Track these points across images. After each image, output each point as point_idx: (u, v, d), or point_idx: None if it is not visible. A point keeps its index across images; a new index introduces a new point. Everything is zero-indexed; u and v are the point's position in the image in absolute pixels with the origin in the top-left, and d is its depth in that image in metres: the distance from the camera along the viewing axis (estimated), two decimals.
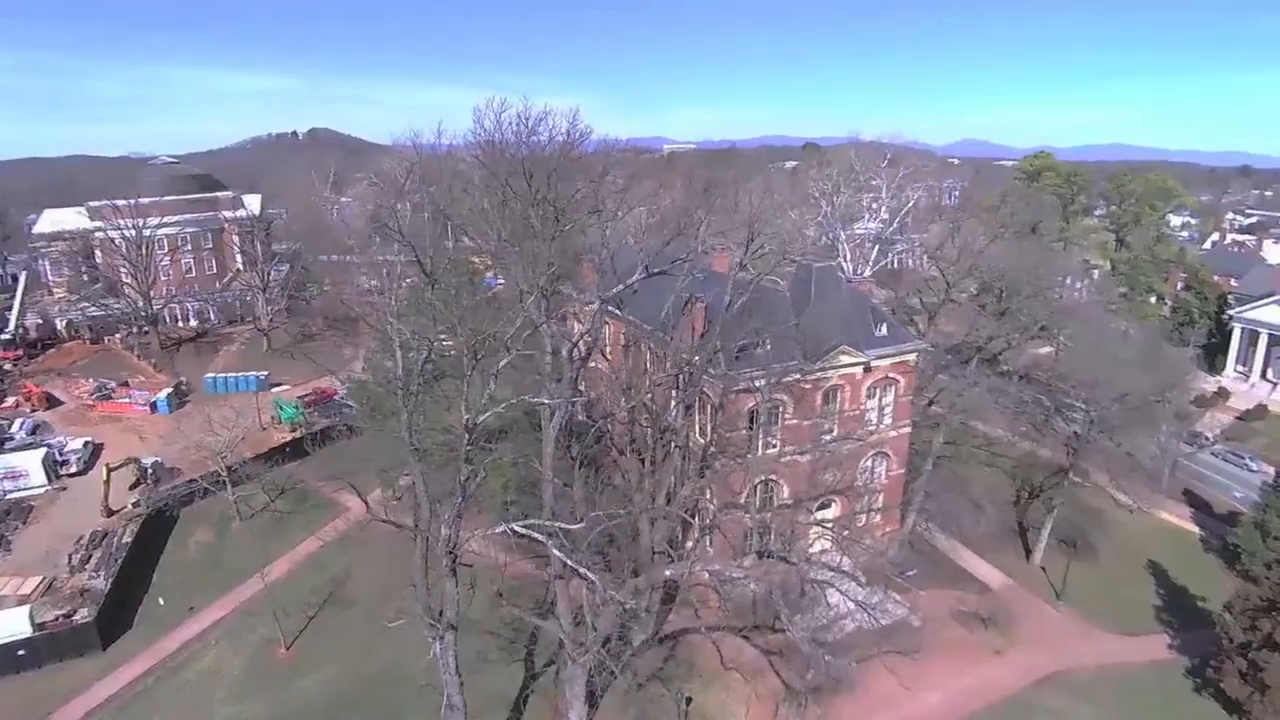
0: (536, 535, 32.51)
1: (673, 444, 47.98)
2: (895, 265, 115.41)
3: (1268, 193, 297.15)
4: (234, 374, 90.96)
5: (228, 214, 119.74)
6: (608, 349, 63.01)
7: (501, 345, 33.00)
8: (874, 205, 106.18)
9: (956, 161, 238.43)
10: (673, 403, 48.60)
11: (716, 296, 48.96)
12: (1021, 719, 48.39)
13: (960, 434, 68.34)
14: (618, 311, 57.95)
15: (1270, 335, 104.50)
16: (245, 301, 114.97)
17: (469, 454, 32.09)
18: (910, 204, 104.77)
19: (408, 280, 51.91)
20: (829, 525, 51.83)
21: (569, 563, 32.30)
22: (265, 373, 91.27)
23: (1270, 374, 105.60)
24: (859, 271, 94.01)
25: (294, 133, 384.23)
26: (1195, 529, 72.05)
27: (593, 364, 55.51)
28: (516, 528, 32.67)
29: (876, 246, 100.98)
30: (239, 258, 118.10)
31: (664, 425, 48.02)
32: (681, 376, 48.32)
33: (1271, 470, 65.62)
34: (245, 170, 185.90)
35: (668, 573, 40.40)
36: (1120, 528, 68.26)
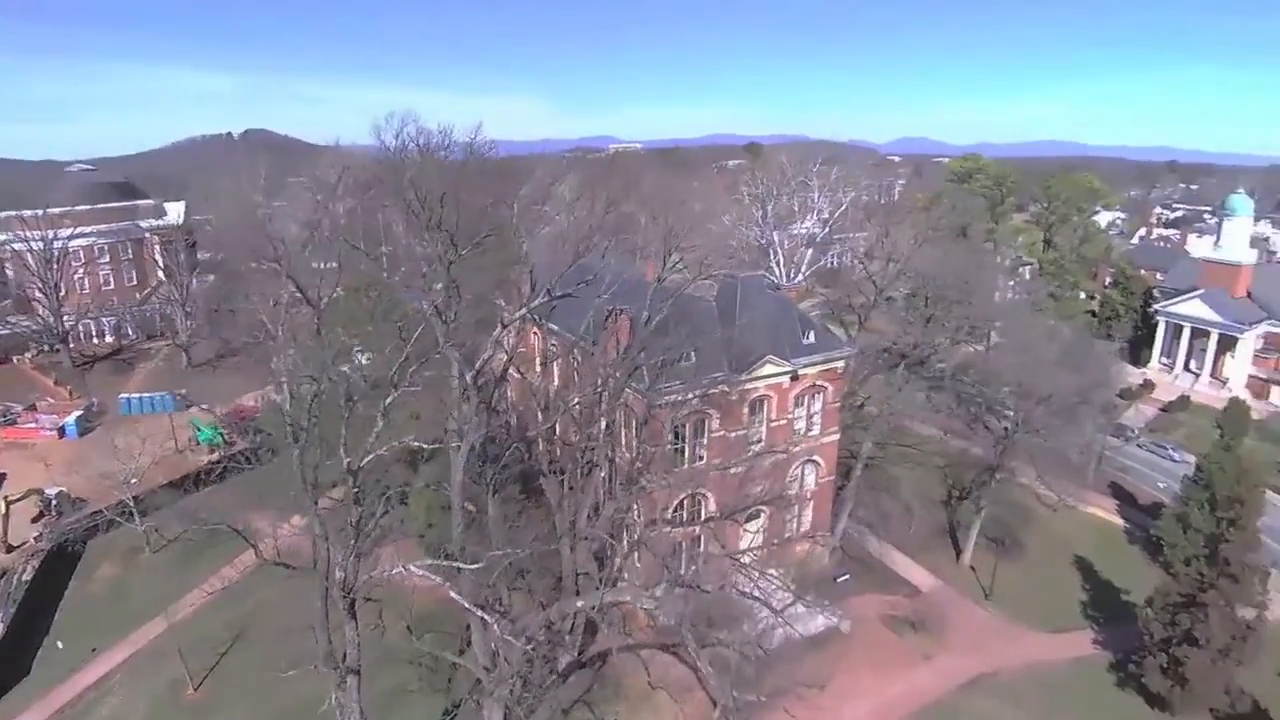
0: (433, 576, 31.08)
1: (595, 462, 46.91)
2: (834, 264, 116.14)
3: (1193, 186, 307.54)
4: (150, 394, 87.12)
5: (149, 223, 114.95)
6: (536, 363, 61.76)
7: (397, 376, 31.43)
8: (808, 207, 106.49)
9: (897, 159, 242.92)
10: (596, 419, 47.55)
11: (643, 308, 48.01)
12: None
13: (892, 435, 68.55)
14: (550, 325, 56.89)
15: (1193, 328, 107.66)
16: (166, 315, 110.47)
17: (358, 495, 30.52)
18: (844, 205, 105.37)
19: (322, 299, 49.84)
20: (756, 550, 51.14)
21: (466, 605, 30.96)
22: (183, 391, 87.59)
23: (1193, 365, 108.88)
24: (793, 275, 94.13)
25: (229, 134, 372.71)
26: (1120, 521, 73.65)
27: (522, 380, 54.34)
28: (413, 568, 31.22)
29: (810, 249, 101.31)
30: (160, 269, 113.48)
31: (585, 443, 46.91)
32: (604, 392, 47.28)
33: (1193, 460, 67.04)
34: (176, 174, 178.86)
35: (579, 603, 39.28)
36: (1048, 524, 69.17)
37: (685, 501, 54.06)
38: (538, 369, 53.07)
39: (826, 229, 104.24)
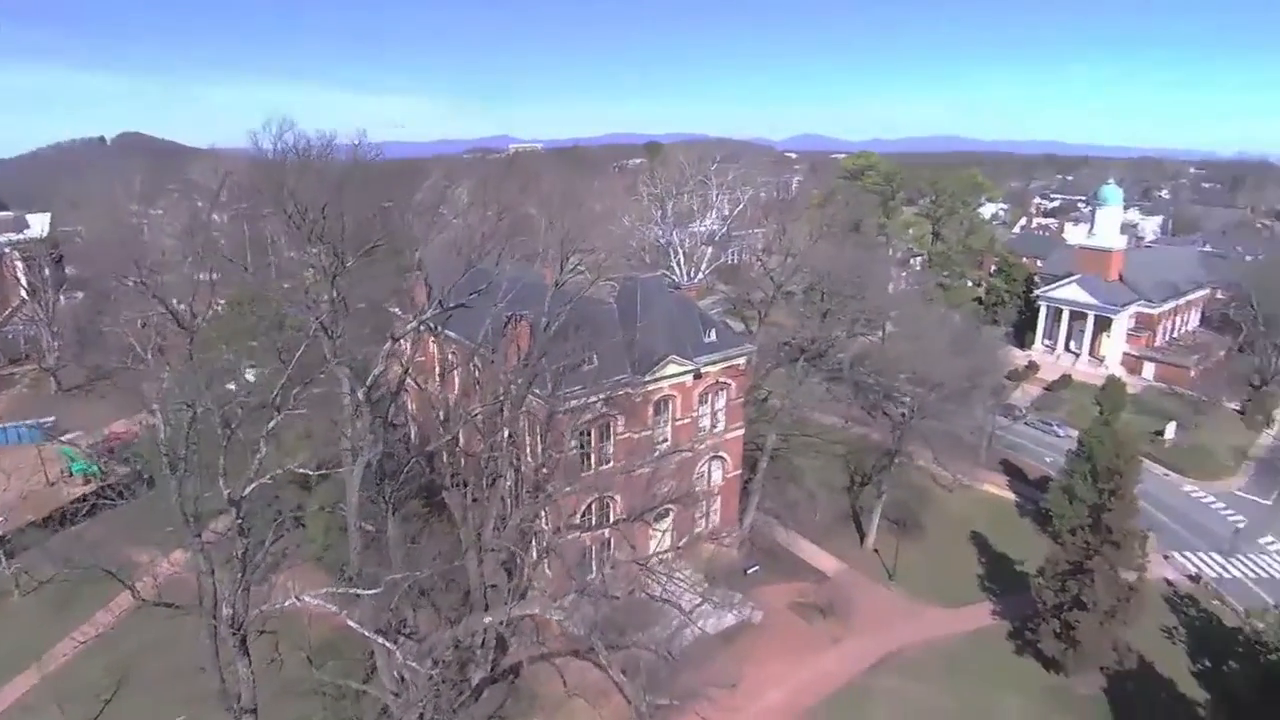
0: (331, 606, 29.67)
1: (498, 472, 45.94)
2: (734, 261, 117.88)
3: (1069, 177, 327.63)
4: (13, 424, 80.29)
5: (7, 237, 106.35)
6: (436, 373, 60.09)
7: (280, 399, 29.76)
8: (707, 205, 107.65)
9: (794, 156, 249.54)
10: (498, 428, 46.55)
11: (542, 313, 47.28)
12: (857, 706, 49.84)
13: (795, 426, 70.04)
14: (449, 333, 55.40)
15: (1072, 311, 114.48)
16: (30, 337, 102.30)
17: (242, 526, 28.81)
18: (743, 203, 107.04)
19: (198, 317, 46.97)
20: (664, 553, 51.23)
21: (365, 634, 29.71)
22: (51, 419, 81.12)
23: (1073, 346, 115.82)
24: (693, 274, 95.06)
25: (100, 138, 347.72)
26: (1012, 496, 77.50)
27: (421, 391, 52.63)
28: (308, 598, 29.71)
29: (711, 247, 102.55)
30: (23, 287, 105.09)
31: (488, 453, 45.89)
32: (505, 400, 46.33)
33: (1076, 435, 70.92)
34: (40, 183, 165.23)
35: (487, 619, 38.40)
36: (945, 503, 72.17)
37: (593, 505, 53.71)
38: (437, 379, 51.58)
39: (726, 227, 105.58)
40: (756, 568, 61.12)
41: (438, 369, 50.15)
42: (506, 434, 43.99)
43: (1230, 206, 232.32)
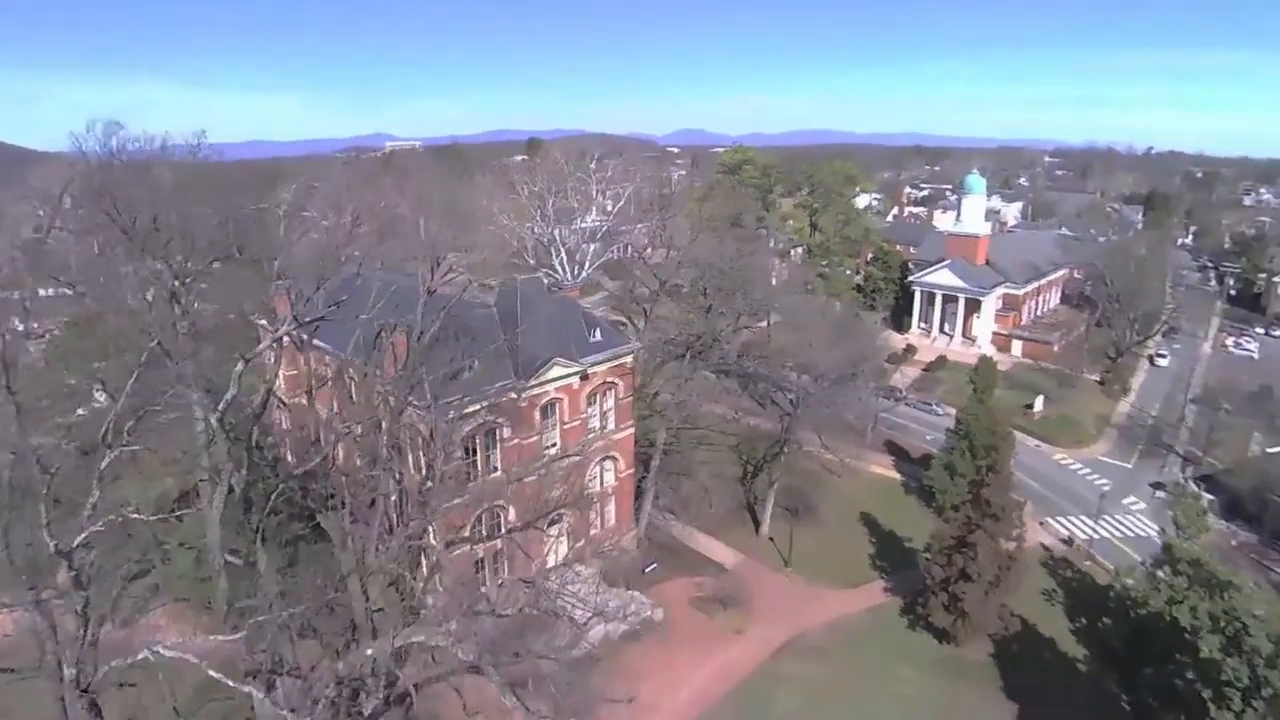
0: (188, 655, 26.93)
1: (378, 489, 43.45)
2: (619, 256, 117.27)
3: (936, 167, 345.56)
4: None
5: None
6: (306, 389, 56.59)
7: (110, 435, 26.73)
8: (589, 202, 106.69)
9: (676, 151, 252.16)
10: (377, 443, 44.03)
11: (425, 320, 45.05)
12: (763, 693, 50.20)
13: (687, 421, 70.03)
14: (319, 344, 52.25)
15: (944, 295, 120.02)
16: None
17: (77, 578, 25.73)
18: (623, 198, 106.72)
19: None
20: (557, 568, 49.92)
21: (230, 683, 27.18)
22: None
23: (947, 328, 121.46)
24: (577, 273, 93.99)
25: None
26: (898, 476, 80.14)
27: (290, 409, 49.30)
28: (162, 650, 26.92)
29: (595, 244, 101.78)
30: None
31: (366, 470, 43.34)
32: (384, 413, 43.87)
33: (954, 412, 73.95)
34: None
35: (369, 652, 36.12)
36: (835, 487, 73.73)
37: (483, 516, 51.84)
38: (306, 395, 48.43)
39: (608, 223, 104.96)
40: (655, 565, 60.70)
41: (309, 385, 47.01)
42: (385, 448, 41.59)
43: (1082, 191, 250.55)
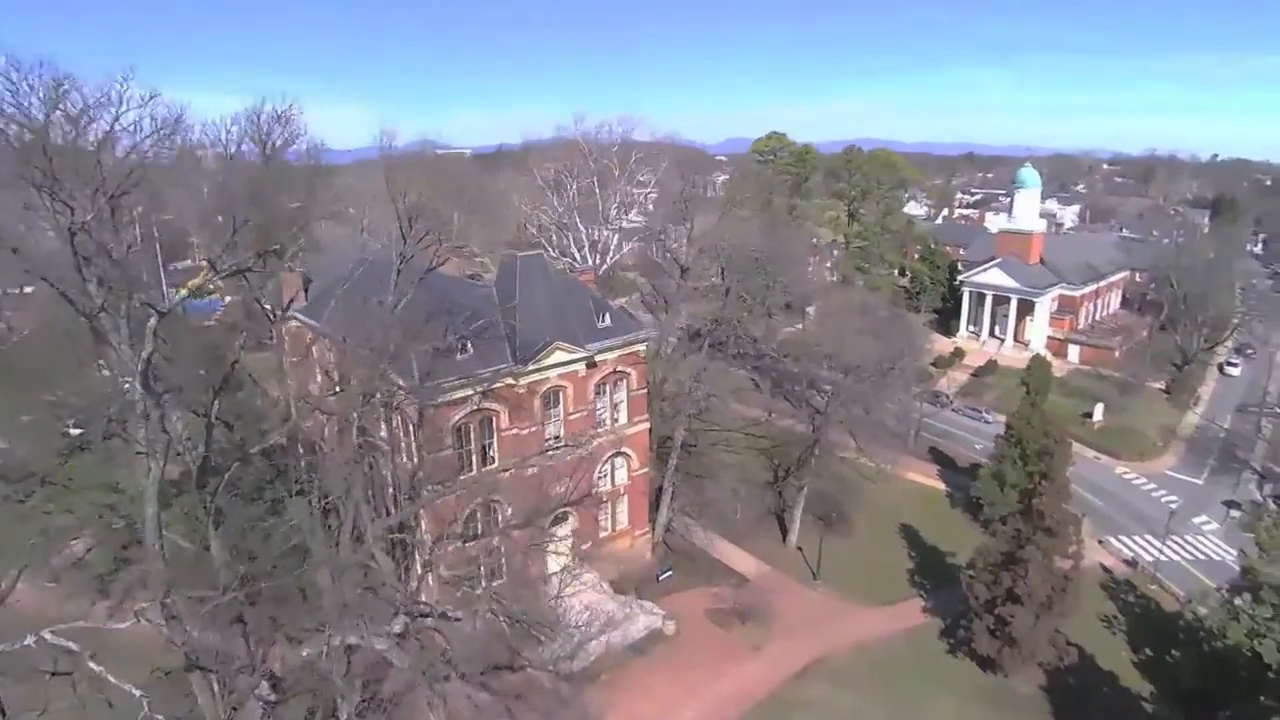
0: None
1: (355, 474, 39.60)
2: (653, 253, 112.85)
3: (989, 175, 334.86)
4: None
5: None
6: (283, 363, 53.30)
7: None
8: (628, 202, 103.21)
9: (724, 159, 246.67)
10: (351, 423, 40.29)
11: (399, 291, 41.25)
12: (781, 719, 45.02)
13: (713, 419, 65.10)
14: (299, 318, 49.04)
15: (995, 296, 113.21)
16: None
17: None
18: (654, 193, 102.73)
19: None
20: (563, 571, 45.59)
21: (111, 679, 23.27)
22: None
23: (998, 331, 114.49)
24: (600, 263, 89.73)
25: None
26: (942, 486, 74.14)
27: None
28: (47, 635, 23.14)
29: (627, 243, 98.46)
30: None
31: (341, 451, 39.58)
32: (358, 390, 40.12)
33: (1004, 420, 68.12)
34: None
35: (305, 653, 32.08)
36: (872, 495, 67.91)
37: (478, 511, 47.62)
38: (286, 369, 45.16)
39: (626, 219, 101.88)
40: (670, 573, 55.82)
41: (285, 359, 43.70)
42: (356, 428, 37.73)
43: (1144, 196, 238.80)
